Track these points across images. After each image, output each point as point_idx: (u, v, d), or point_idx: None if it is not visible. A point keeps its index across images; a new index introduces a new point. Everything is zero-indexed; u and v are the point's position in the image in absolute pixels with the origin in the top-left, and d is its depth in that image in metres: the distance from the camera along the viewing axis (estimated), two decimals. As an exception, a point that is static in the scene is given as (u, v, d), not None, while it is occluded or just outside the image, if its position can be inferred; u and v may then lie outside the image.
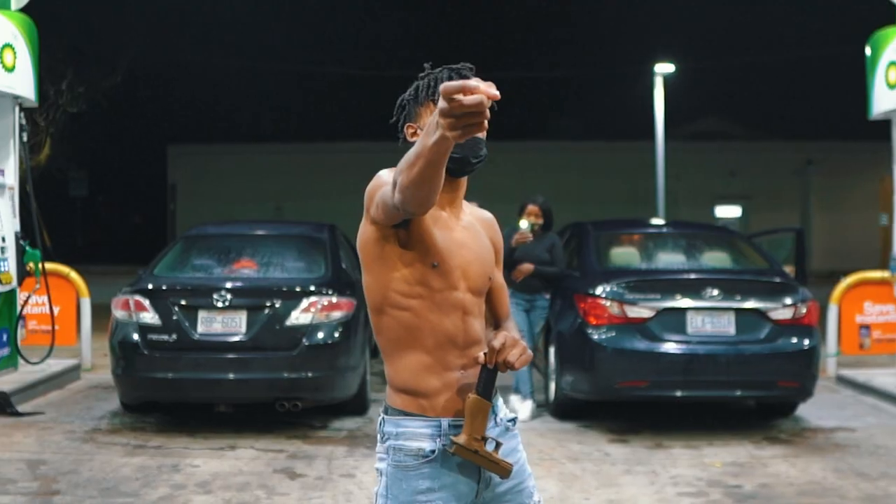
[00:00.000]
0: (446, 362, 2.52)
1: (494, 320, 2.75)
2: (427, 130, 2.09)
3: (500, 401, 2.65)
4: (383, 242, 2.50)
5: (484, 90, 1.95)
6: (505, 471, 2.50)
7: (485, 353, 2.48)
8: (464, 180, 2.60)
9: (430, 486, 2.49)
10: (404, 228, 2.47)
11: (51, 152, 23.78)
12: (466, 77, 2.51)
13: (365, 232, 2.53)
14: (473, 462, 2.46)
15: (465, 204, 2.68)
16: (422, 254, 2.48)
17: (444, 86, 1.95)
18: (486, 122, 1.99)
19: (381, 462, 2.56)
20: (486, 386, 2.48)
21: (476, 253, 2.60)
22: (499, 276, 2.73)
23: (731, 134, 35.80)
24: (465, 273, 2.55)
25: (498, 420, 2.62)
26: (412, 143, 2.45)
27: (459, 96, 1.94)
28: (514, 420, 2.69)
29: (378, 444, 2.60)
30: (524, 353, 2.46)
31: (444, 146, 2.06)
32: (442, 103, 1.97)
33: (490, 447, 2.49)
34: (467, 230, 2.62)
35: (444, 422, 2.50)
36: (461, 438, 2.44)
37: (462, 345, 2.54)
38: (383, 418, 2.57)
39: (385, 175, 2.43)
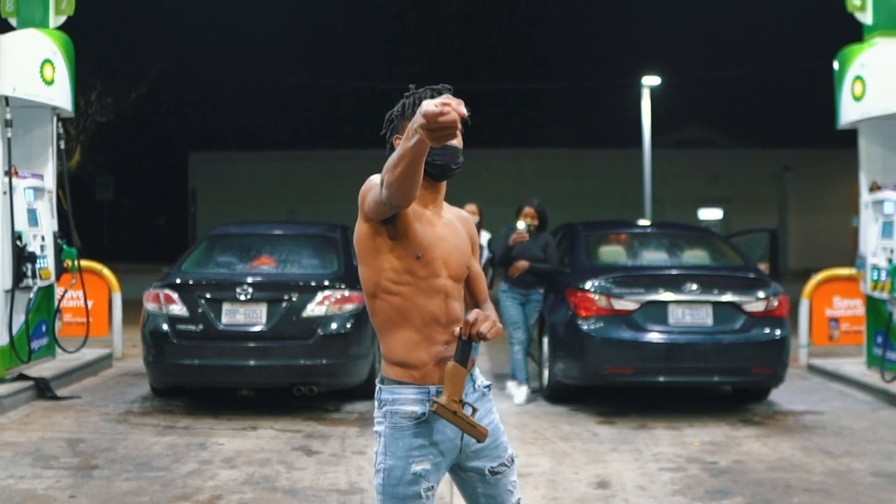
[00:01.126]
0: (432, 338, 2.71)
1: (474, 303, 2.94)
2: (406, 136, 2.32)
3: (476, 370, 2.85)
4: (375, 237, 2.69)
5: (455, 108, 2.19)
6: (481, 434, 2.65)
7: (460, 327, 2.66)
8: (444, 184, 2.80)
9: (422, 443, 2.69)
10: (392, 225, 2.66)
11: (81, 159, 23.90)
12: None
13: (359, 229, 2.73)
14: (451, 422, 2.62)
15: (444, 204, 2.88)
16: (407, 247, 2.68)
17: (425, 111, 2.19)
18: (457, 131, 2.23)
19: (380, 425, 2.75)
20: (463, 355, 2.65)
21: (455, 245, 2.79)
22: (475, 265, 2.92)
23: (714, 142, 35.88)
24: (445, 263, 2.75)
25: (476, 386, 2.83)
26: (395, 145, 2.70)
27: (437, 109, 2.19)
28: (489, 386, 2.88)
29: (376, 410, 2.78)
30: (494, 325, 2.64)
31: (422, 148, 2.31)
32: (422, 121, 2.20)
33: (468, 411, 2.66)
34: (447, 226, 2.81)
35: (432, 388, 2.70)
36: (441, 399, 2.61)
37: (445, 323, 2.73)
38: (380, 388, 2.76)
39: (375, 179, 2.62)
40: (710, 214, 32.94)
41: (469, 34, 40.91)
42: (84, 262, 9.67)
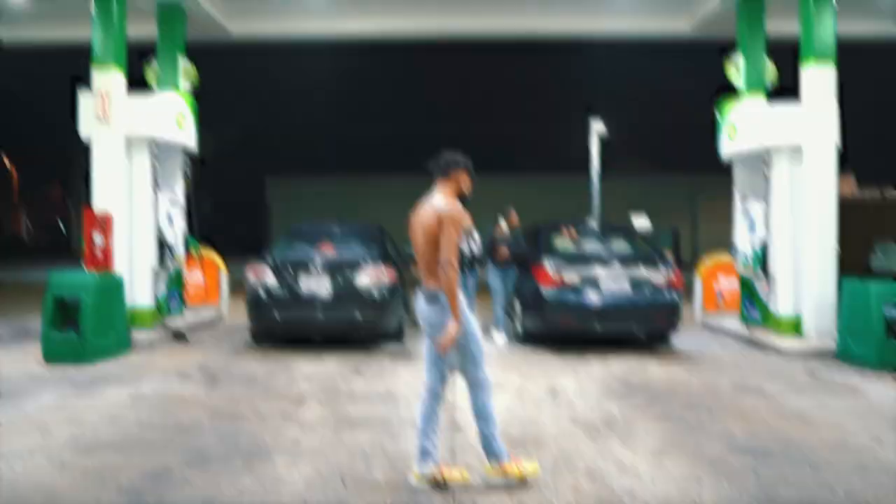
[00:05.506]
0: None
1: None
2: (456, 298, 3.67)
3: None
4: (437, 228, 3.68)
5: (447, 345, 3.71)
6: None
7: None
8: None
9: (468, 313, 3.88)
10: None
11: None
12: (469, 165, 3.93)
13: (432, 222, 3.74)
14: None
15: None
16: None
17: (446, 344, 3.67)
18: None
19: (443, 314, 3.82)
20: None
21: None
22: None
23: (644, 169, 36.25)
24: None
25: None
26: (452, 177, 3.86)
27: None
28: None
29: (436, 312, 3.81)
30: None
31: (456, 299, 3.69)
32: (450, 334, 3.67)
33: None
34: None
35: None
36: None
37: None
38: (439, 295, 3.80)
39: (458, 215, 3.72)
40: (642, 224, 33.22)
41: (466, 88, 41.28)
42: (203, 252, 10.25)
